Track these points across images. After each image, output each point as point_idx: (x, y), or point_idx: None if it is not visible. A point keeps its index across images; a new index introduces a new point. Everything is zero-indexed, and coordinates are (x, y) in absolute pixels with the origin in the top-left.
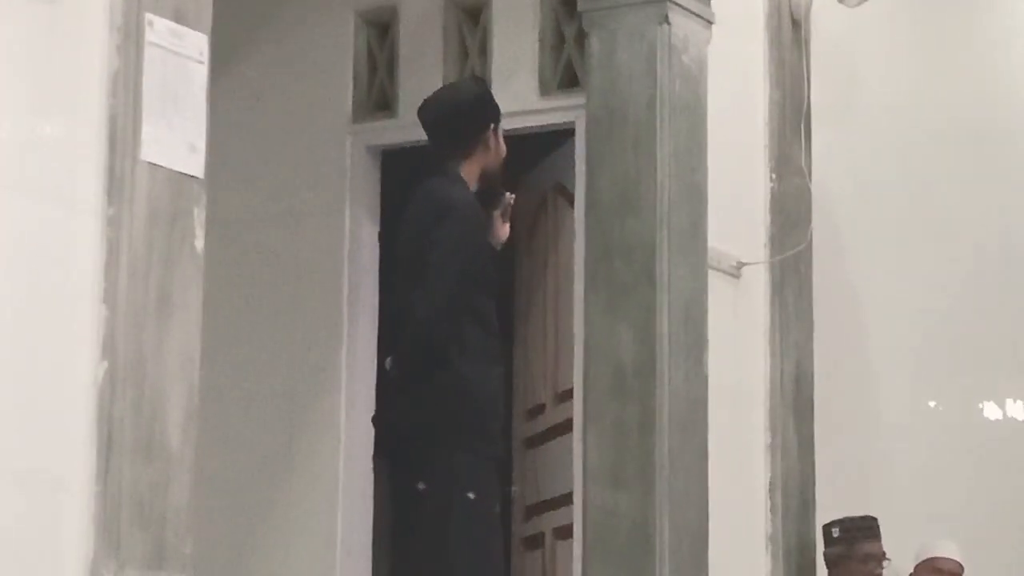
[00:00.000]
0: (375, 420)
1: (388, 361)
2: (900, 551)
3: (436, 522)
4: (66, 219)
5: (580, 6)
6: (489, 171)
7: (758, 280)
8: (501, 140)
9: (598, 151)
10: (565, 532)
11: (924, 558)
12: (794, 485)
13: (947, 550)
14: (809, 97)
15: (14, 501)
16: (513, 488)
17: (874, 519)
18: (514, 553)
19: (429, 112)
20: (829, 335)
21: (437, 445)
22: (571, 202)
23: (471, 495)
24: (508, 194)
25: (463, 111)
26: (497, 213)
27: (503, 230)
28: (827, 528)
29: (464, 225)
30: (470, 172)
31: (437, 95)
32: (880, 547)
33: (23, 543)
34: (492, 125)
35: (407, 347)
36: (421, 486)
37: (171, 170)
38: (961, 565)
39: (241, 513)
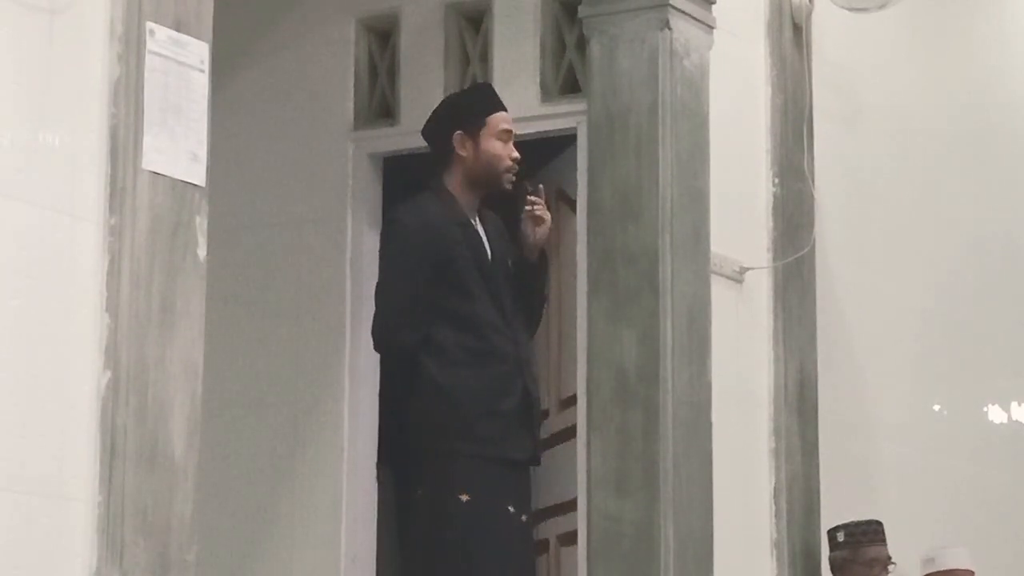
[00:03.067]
0: (380, 429)
1: None
2: (905, 555)
3: (429, 526)
4: (68, 228)
5: (581, 12)
6: (477, 178)
7: (761, 285)
8: (485, 144)
9: (600, 157)
10: (569, 538)
11: (940, 569)
12: (799, 489)
13: (962, 561)
14: (811, 101)
15: (17, 510)
16: None
17: (879, 523)
18: None
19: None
20: (832, 339)
21: (428, 450)
22: (573, 208)
23: (464, 498)
24: (530, 196)
25: (431, 122)
26: (525, 216)
27: (537, 232)
28: (832, 533)
29: (402, 236)
30: (454, 182)
31: None
32: (885, 551)
33: (26, 552)
34: (457, 132)
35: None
36: (419, 491)
37: (173, 179)
38: (972, 573)
39: (244, 521)
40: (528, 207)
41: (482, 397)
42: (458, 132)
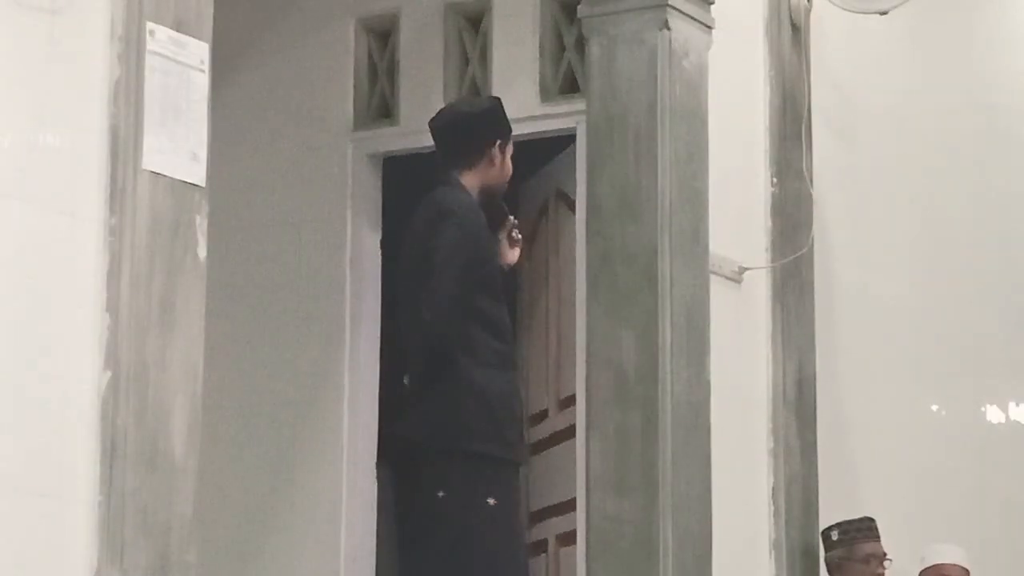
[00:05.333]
0: (383, 430)
1: (406, 377)
2: (903, 555)
3: (455, 529)
4: (68, 228)
5: (580, 12)
6: (491, 187)
7: (759, 285)
8: (508, 160)
9: (599, 157)
10: (568, 538)
11: (929, 564)
12: (797, 489)
13: (952, 556)
14: (809, 101)
15: (17, 511)
16: None
17: (872, 520)
18: None
19: (438, 120)
20: (831, 339)
21: (453, 451)
22: (572, 208)
23: (491, 501)
24: (511, 217)
25: (470, 121)
26: (502, 236)
27: (511, 254)
28: (826, 532)
29: (462, 228)
30: (471, 183)
31: (450, 105)
32: (880, 547)
33: (27, 553)
34: (498, 141)
35: (415, 353)
36: (441, 493)
37: (173, 179)
38: (967, 570)
39: (244, 522)
40: (514, 231)
41: (510, 402)
42: (499, 141)
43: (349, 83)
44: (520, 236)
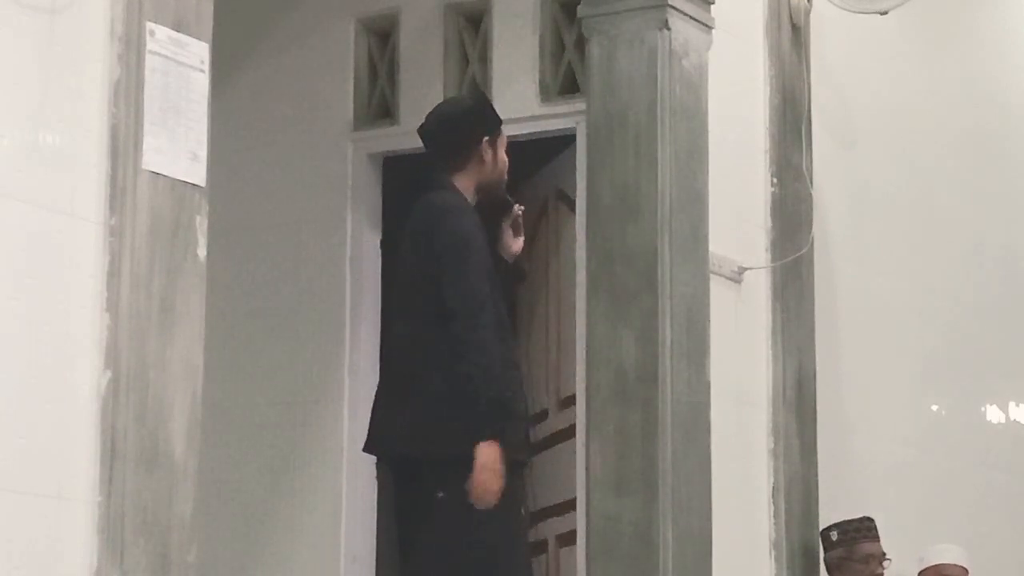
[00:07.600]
0: (376, 427)
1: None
2: (904, 555)
3: (454, 529)
4: (68, 229)
5: (580, 12)
6: (486, 184)
7: (760, 285)
8: (500, 152)
9: (599, 157)
10: (568, 539)
11: (928, 565)
12: (797, 490)
13: (952, 556)
14: (809, 101)
15: (17, 511)
16: None
17: (871, 520)
18: None
19: (425, 125)
20: (831, 339)
21: (454, 454)
22: (572, 208)
23: None
24: (516, 205)
25: (453, 123)
26: (506, 225)
27: (515, 243)
28: (825, 532)
29: (461, 222)
30: (465, 185)
31: (435, 108)
32: (879, 547)
33: (26, 553)
34: (485, 138)
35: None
36: (440, 494)
37: (173, 179)
38: (966, 570)
39: (245, 522)
40: (517, 214)
41: (512, 400)
42: (486, 138)
43: (349, 83)
44: (520, 214)
